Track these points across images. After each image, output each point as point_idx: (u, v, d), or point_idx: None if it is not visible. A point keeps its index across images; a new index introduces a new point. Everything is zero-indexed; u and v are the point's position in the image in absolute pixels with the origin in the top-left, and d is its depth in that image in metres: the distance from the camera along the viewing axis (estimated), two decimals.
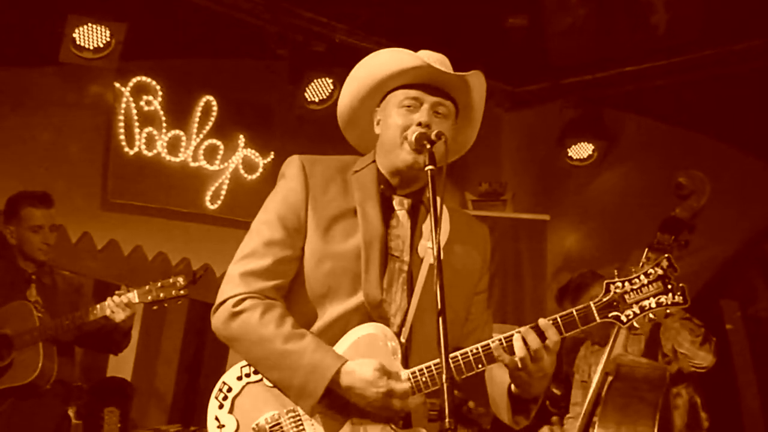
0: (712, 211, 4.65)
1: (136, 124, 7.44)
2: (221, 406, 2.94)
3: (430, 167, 2.77)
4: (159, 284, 5.21)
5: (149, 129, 7.50)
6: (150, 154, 7.51)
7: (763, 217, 7.65)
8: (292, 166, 3.04)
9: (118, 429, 6.20)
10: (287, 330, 2.85)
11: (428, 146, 2.82)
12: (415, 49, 3.07)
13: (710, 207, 4.58)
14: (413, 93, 2.97)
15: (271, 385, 2.89)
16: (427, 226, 3.03)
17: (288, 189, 3.02)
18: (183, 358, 7.52)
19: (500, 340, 2.81)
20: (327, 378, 2.77)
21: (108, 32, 6.64)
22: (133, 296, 5.23)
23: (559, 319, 2.82)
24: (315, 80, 7.41)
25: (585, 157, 8.47)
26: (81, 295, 5.69)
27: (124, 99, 7.39)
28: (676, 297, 2.85)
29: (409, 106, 2.96)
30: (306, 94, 7.41)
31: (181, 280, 5.23)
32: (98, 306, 5.24)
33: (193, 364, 7.54)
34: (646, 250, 4.79)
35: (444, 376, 2.48)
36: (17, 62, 6.88)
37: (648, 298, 2.86)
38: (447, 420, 2.42)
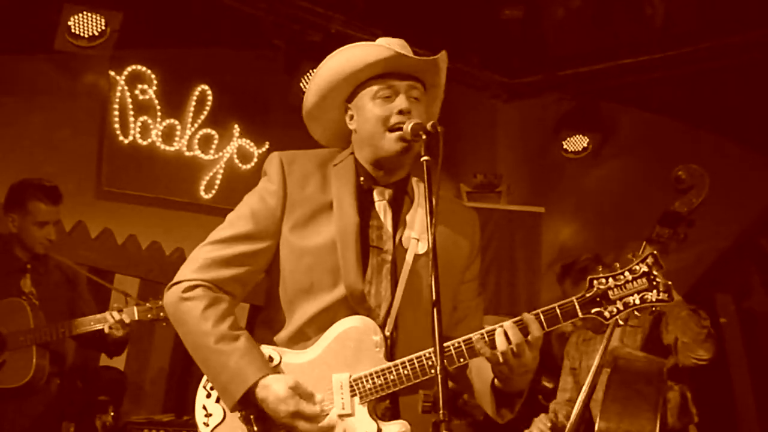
0: (707, 204, 4.65)
1: (131, 112, 7.43)
2: (209, 395, 2.98)
3: (426, 158, 2.75)
4: (159, 302, 5.20)
5: (144, 118, 7.49)
6: (144, 143, 7.50)
7: (758, 211, 7.66)
8: (272, 165, 3.07)
9: (112, 418, 6.19)
10: (223, 329, 2.88)
11: (424, 137, 2.79)
12: (411, 41, 3.07)
13: (706, 200, 4.57)
14: (387, 82, 2.98)
15: None
16: (410, 216, 3.04)
17: (265, 189, 3.05)
18: (176, 348, 7.50)
19: (482, 334, 2.80)
20: (244, 387, 2.81)
21: (103, 21, 6.61)
22: (133, 314, 5.21)
23: (541, 314, 2.81)
24: (311, 70, 7.36)
25: (580, 149, 8.48)
26: (76, 285, 5.68)
27: (119, 88, 7.38)
28: (661, 294, 2.82)
29: (387, 97, 2.97)
30: (302, 84, 7.37)
31: None
32: (96, 317, 5.23)
33: (186, 353, 7.48)
34: (644, 243, 4.79)
35: (438, 368, 2.47)
36: (12, 50, 6.85)
37: (632, 295, 2.83)
38: (441, 411, 2.42)
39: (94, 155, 7.42)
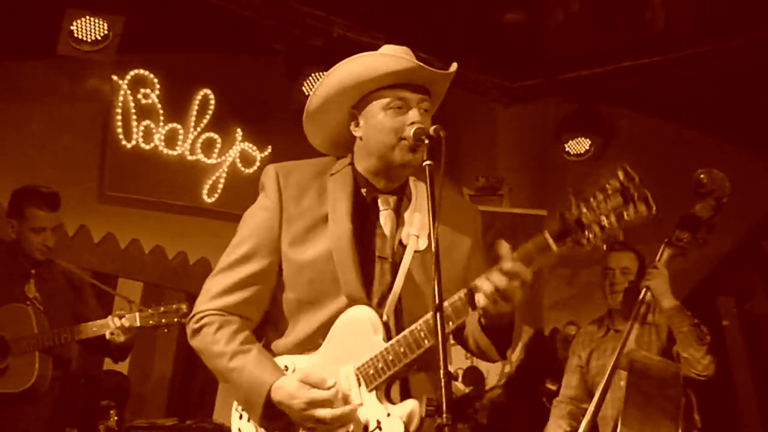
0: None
1: (134, 117, 7.44)
2: (241, 417, 2.99)
3: (428, 162, 2.76)
4: (161, 309, 5.22)
5: (147, 122, 7.50)
6: (147, 147, 7.51)
7: (759, 213, 7.67)
8: (268, 179, 3.07)
9: (115, 422, 6.20)
10: (234, 347, 2.91)
11: (426, 141, 2.80)
12: (412, 45, 3.06)
13: (726, 205, 4.57)
14: (399, 93, 2.96)
15: None
16: (408, 214, 3.04)
17: (263, 206, 3.06)
18: (179, 351, 7.52)
19: (465, 291, 2.78)
20: (263, 395, 2.83)
21: (106, 25, 6.63)
22: (135, 320, 5.22)
23: (515, 254, 2.77)
24: (312, 74, 7.39)
25: (582, 152, 8.48)
26: (81, 291, 5.67)
27: (122, 92, 7.40)
28: (639, 206, 2.57)
29: (399, 107, 2.95)
30: (303, 89, 7.39)
31: (183, 307, 5.24)
32: (98, 322, 5.23)
33: (189, 357, 7.53)
34: (663, 245, 4.80)
35: (442, 372, 2.47)
36: (15, 54, 6.87)
37: (608, 215, 2.61)
38: (444, 415, 2.43)
39: (96, 159, 7.43)
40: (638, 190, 2.58)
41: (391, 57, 2.97)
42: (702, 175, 4.59)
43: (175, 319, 5.20)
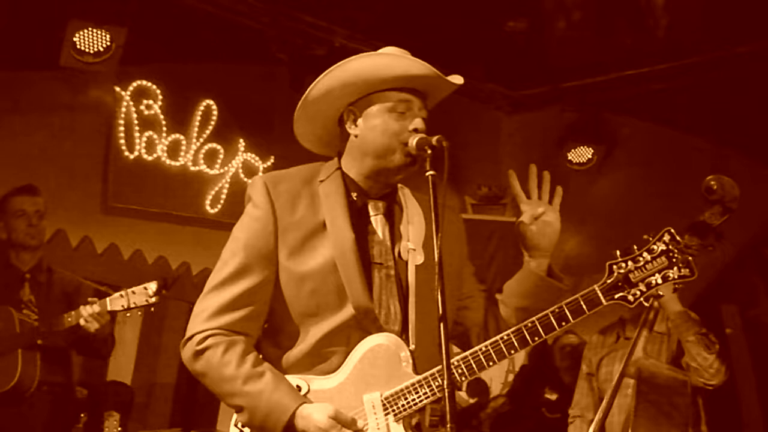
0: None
1: (137, 128, 7.45)
2: None
3: (431, 173, 2.75)
4: (132, 290, 5.20)
5: (149, 133, 7.51)
6: (150, 158, 7.52)
7: (762, 221, 7.65)
8: (257, 190, 3.03)
9: None
10: (246, 370, 2.84)
11: (429, 151, 2.80)
12: (415, 54, 3.05)
13: (735, 212, 4.57)
14: (407, 98, 2.97)
15: None
16: (403, 227, 3.02)
17: (254, 217, 3.00)
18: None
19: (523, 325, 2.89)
20: (283, 421, 2.76)
21: (108, 37, 6.64)
22: (106, 304, 5.21)
23: (565, 307, 2.84)
24: None
25: (584, 161, 8.48)
26: (78, 296, 5.67)
27: (125, 103, 7.41)
28: (682, 270, 2.85)
29: (402, 112, 2.95)
30: None
31: (153, 286, 5.21)
32: (73, 313, 5.23)
33: None
34: None
35: (445, 382, 2.47)
36: (18, 66, 6.88)
37: (653, 275, 2.87)
38: (449, 426, 2.42)
39: (99, 171, 7.44)
40: (683, 254, 2.85)
41: (408, 60, 2.97)
42: (712, 182, 4.60)
43: (146, 299, 5.17)
